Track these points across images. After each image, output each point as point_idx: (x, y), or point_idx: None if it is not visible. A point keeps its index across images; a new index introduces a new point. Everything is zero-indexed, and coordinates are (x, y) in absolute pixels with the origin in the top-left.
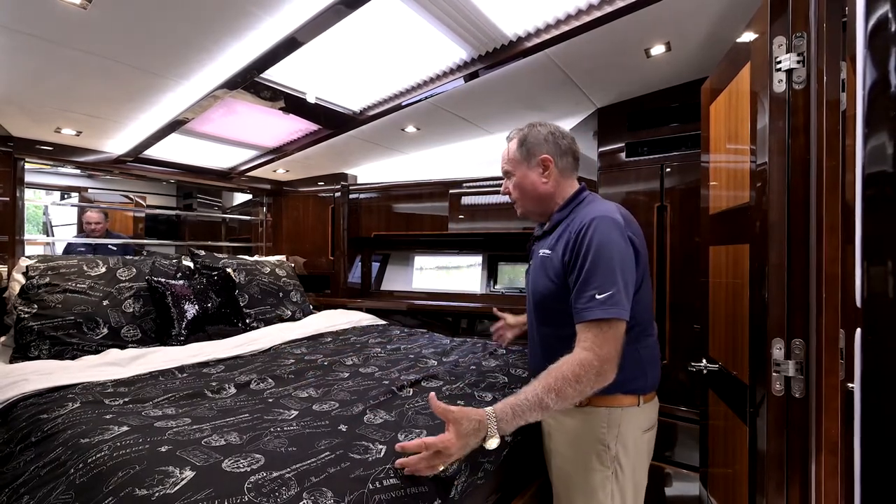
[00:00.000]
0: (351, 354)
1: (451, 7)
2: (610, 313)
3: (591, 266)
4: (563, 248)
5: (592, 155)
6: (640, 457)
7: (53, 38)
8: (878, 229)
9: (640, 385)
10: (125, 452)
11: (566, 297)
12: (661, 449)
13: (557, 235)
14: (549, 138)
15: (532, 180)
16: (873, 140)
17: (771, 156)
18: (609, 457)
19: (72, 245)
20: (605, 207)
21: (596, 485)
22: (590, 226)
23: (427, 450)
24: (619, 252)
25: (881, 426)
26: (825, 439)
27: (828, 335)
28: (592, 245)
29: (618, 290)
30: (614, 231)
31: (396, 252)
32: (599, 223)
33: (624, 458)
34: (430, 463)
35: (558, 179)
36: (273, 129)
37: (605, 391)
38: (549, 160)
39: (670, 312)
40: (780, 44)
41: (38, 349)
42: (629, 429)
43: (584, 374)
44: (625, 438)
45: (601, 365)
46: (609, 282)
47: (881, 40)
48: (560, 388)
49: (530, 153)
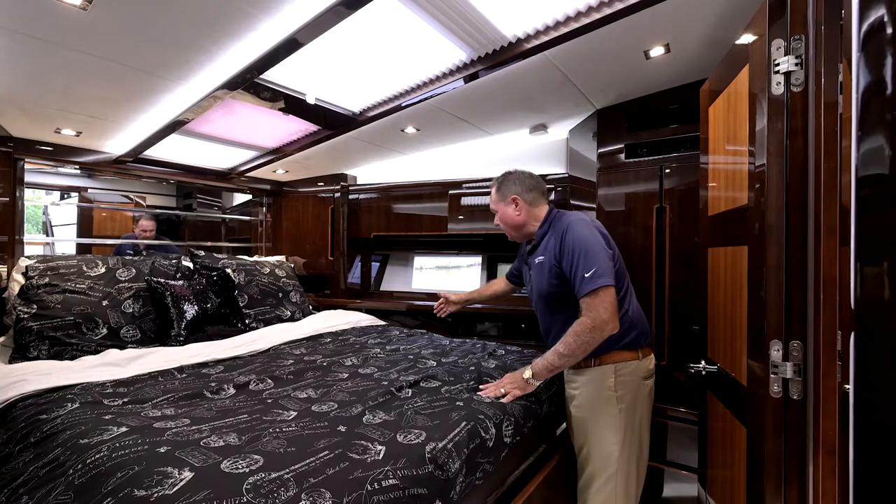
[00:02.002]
0: (350, 355)
1: (450, 9)
2: (596, 283)
3: (577, 257)
4: (553, 250)
5: (592, 156)
6: (640, 399)
7: (53, 39)
8: (873, 231)
9: (633, 338)
10: (124, 453)
11: (565, 285)
12: (661, 449)
13: (545, 244)
14: (517, 181)
15: (509, 214)
16: (867, 142)
17: (769, 158)
18: (615, 398)
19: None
20: (575, 218)
21: (605, 422)
22: (568, 230)
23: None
24: (592, 240)
25: (875, 426)
26: (823, 441)
27: (826, 337)
28: (574, 242)
29: (598, 266)
30: (585, 228)
31: (396, 252)
32: (574, 225)
33: (628, 399)
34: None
35: (528, 210)
36: (273, 129)
37: (609, 348)
38: (517, 198)
39: (669, 313)
40: (778, 46)
41: (38, 349)
42: (632, 378)
43: (582, 330)
44: (628, 385)
45: (593, 323)
46: (590, 262)
47: (875, 44)
48: (567, 341)
49: (504, 196)
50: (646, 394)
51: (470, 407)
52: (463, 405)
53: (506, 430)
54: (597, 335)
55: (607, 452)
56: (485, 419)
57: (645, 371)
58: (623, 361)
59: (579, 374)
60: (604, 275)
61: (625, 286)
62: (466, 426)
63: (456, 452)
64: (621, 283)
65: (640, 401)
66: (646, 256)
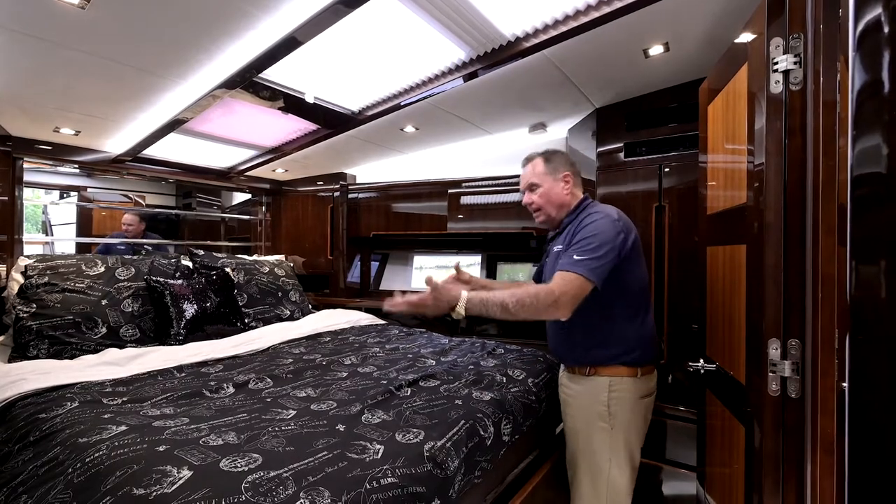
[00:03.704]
0: (349, 354)
1: (449, 7)
2: (578, 269)
3: (580, 239)
4: (568, 237)
5: (591, 155)
6: (635, 417)
7: (52, 38)
8: (868, 229)
9: (636, 358)
10: (123, 452)
11: None
12: (659, 447)
13: (566, 233)
14: (566, 160)
15: (557, 191)
16: (862, 141)
17: (768, 156)
18: (608, 414)
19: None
20: (607, 209)
21: (595, 436)
22: (587, 219)
23: (408, 304)
24: (606, 237)
25: (870, 424)
26: (821, 439)
27: (824, 336)
28: (588, 228)
29: (592, 258)
30: (608, 223)
31: (395, 251)
32: (597, 216)
33: (621, 416)
34: (408, 307)
35: (573, 192)
36: (272, 128)
37: (608, 362)
38: (570, 176)
39: (668, 312)
40: (777, 45)
41: (37, 348)
42: (627, 395)
43: (543, 296)
44: (623, 402)
45: (558, 297)
46: (588, 251)
47: (870, 43)
48: (521, 298)
49: (556, 170)
50: (641, 412)
51: (469, 406)
52: (462, 404)
53: (504, 429)
54: (549, 311)
55: (595, 464)
56: (483, 418)
57: (643, 390)
58: (619, 377)
59: (573, 381)
60: (593, 267)
61: (639, 302)
62: (465, 425)
63: (454, 451)
64: (642, 296)
65: (635, 418)
66: (645, 255)
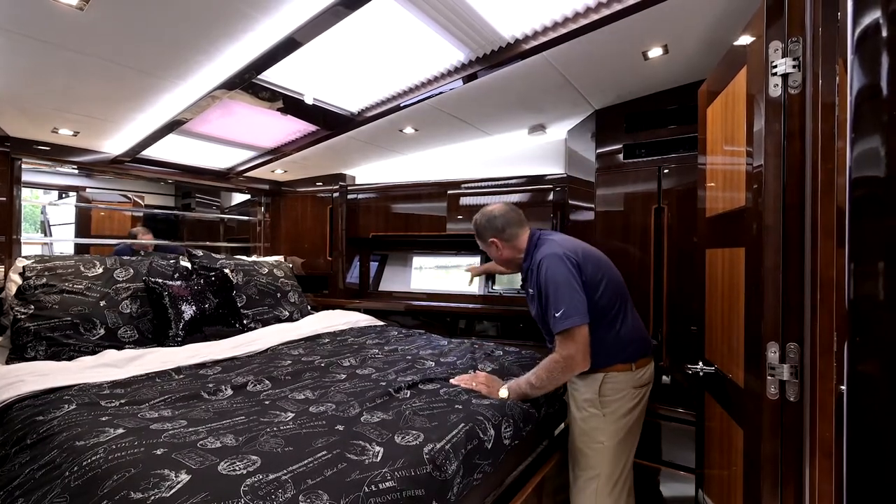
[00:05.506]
0: (348, 356)
1: (448, 9)
2: (565, 324)
3: (548, 295)
4: (533, 285)
5: (590, 157)
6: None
7: (50, 38)
8: (866, 233)
9: (629, 355)
10: (120, 455)
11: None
12: (658, 449)
13: (528, 278)
14: (488, 225)
15: (494, 254)
16: (861, 144)
17: (767, 159)
18: (601, 403)
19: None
20: (548, 249)
21: (590, 424)
22: (539, 267)
23: (475, 380)
24: (562, 278)
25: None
26: (819, 442)
27: (823, 339)
28: (545, 281)
29: (566, 306)
30: (555, 263)
31: (395, 252)
32: (544, 262)
33: (614, 405)
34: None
35: (509, 245)
36: (271, 129)
37: (601, 364)
38: (494, 240)
39: (668, 314)
40: (776, 48)
41: (35, 350)
42: (622, 385)
43: (553, 367)
44: (616, 392)
45: (564, 361)
46: (560, 302)
47: (869, 46)
48: (539, 375)
49: (484, 238)
50: (635, 402)
51: (468, 409)
52: (461, 407)
53: (505, 433)
54: (567, 373)
55: (590, 453)
56: (484, 421)
57: (637, 381)
58: (614, 372)
59: (579, 377)
60: (573, 314)
61: (617, 307)
62: (465, 427)
63: (454, 453)
64: (611, 306)
65: (628, 408)
66: (644, 257)
